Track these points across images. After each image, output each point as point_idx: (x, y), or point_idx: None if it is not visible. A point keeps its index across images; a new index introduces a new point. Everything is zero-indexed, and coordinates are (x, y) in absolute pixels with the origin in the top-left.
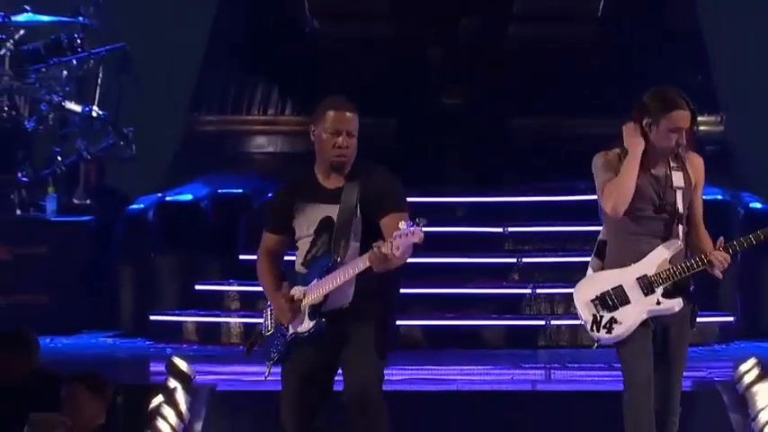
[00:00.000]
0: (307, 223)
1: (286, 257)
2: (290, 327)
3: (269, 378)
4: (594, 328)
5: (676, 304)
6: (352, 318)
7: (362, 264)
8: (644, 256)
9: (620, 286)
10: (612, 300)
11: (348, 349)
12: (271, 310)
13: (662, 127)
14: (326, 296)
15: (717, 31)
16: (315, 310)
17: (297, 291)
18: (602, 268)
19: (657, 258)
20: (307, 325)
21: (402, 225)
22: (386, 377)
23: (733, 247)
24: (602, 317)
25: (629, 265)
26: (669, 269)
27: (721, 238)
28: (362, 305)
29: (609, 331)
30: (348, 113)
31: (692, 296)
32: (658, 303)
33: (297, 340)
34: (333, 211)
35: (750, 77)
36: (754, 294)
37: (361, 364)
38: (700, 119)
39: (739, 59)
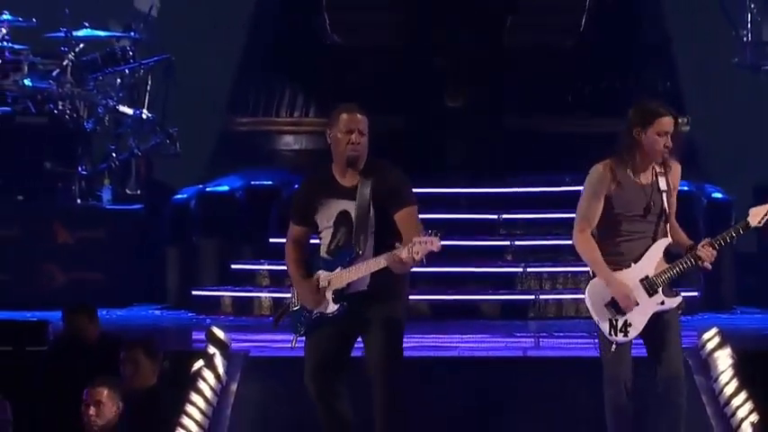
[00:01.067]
0: (326, 216)
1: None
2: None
3: (295, 347)
4: (612, 332)
5: (676, 302)
6: (371, 300)
7: (383, 262)
8: (641, 256)
9: (623, 292)
10: (623, 305)
11: (369, 328)
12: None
13: (650, 133)
14: (348, 283)
15: (684, 40)
16: (339, 295)
17: (323, 278)
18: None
19: (654, 257)
20: (332, 307)
21: (418, 236)
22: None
23: (718, 243)
24: (617, 320)
25: (630, 265)
26: (668, 271)
27: (708, 239)
28: (379, 288)
29: (625, 334)
30: (358, 115)
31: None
32: (662, 303)
33: (321, 318)
34: (350, 206)
35: (712, 83)
36: (716, 272)
37: (382, 342)
38: None
39: (704, 67)
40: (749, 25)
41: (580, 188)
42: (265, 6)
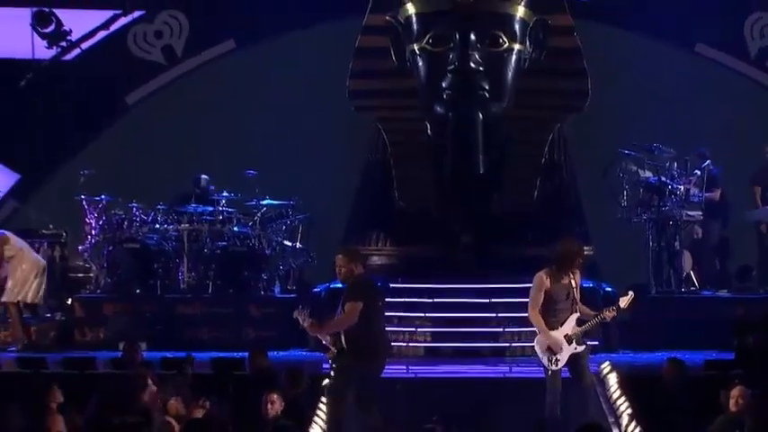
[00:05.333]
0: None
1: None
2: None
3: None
4: (549, 363)
5: (583, 348)
6: None
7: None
8: (564, 323)
9: (557, 341)
10: (555, 349)
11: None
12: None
13: (570, 262)
14: None
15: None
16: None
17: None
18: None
19: (571, 323)
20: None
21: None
22: (414, 373)
23: (616, 310)
24: (551, 358)
25: (558, 328)
26: (579, 330)
27: (606, 309)
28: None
29: (556, 365)
30: (339, 255)
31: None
32: (575, 348)
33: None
34: None
35: (604, 229)
36: (607, 329)
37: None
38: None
39: (601, 222)
40: (625, 195)
41: (530, 285)
42: (366, 184)
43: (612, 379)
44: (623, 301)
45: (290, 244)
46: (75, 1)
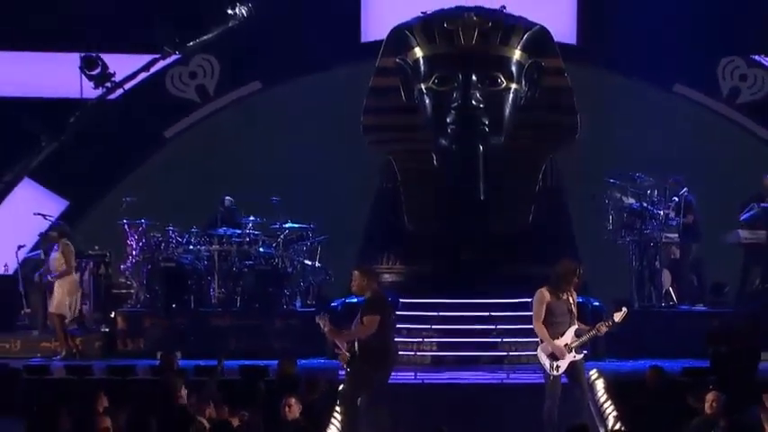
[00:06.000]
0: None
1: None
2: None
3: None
4: (550, 368)
5: (580, 357)
6: None
7: None
8: (563, 334)
9: (559, 350)
10: (558, 356)
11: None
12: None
13: (567, 281)
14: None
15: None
16: None
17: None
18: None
19: (569, 335)
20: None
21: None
22: (421, 379)
23: (611, 324)
24: (552, 363)
25: (559, 338)
26: (577, 341)
27: (599, 323)
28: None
29: (557, 370)
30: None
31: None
32: (575, 357)
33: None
34: None
35: (592, 253)
36: (596, 341)
37: None
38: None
39: (592, 245)
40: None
41: (526, 299)
42: (378, 209)
43: (600, 384)
44: (618, 317)
45: (309, 263)
46: (119, 46)
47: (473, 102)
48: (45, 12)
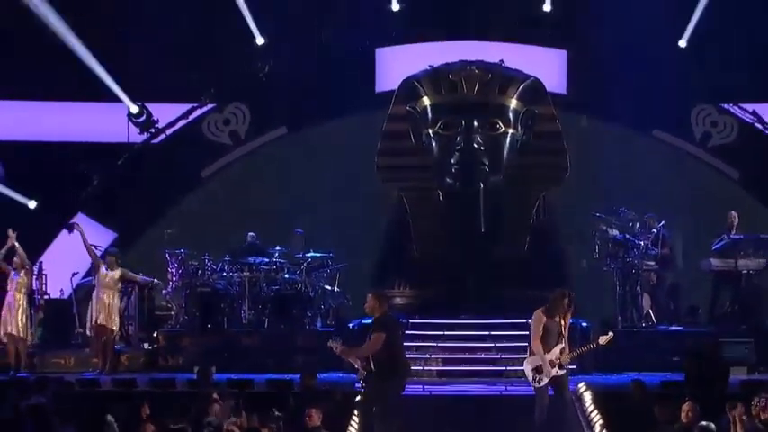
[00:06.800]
0: None
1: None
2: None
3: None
4: (533, 380)
5: (564, 371)
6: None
7: None
8: (552, 350)
9: (542, 364)
10: (540, 369)
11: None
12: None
13: (558, 306)
14: None
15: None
16: None
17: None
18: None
19: (557, 351)
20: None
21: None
22: (429, 391)
23: (596, 346)
24: (535, 376)
25: (546, 353)
26: (565, 358)
27: (587, 343)
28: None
29: (539, 383)
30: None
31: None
32: (557, 372)
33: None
34: None
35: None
36: (584, 356)
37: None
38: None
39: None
40: (597, 248)
41: (522, 320)
42: (390, 239)
43: (587, 396)
44: (603, 340)
45: (329, 288)
46: (162, 97)
47: (475, 145)
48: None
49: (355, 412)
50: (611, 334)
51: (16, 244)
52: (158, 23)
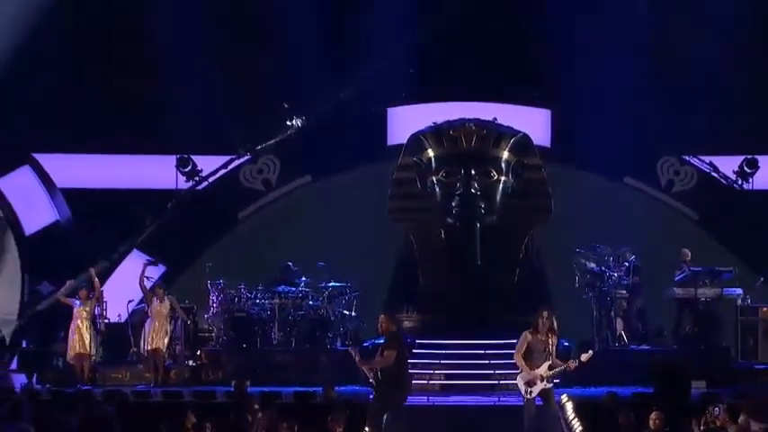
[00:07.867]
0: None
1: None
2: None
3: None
4: (525, 392)
5: (550, 384)
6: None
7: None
8: (539, 366)
9: (533, 378)
10: (531, 383)
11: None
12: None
13: (539, 322)
14: None
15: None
16: None
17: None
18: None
19: (544, 367)
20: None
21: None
22: (432, 402)
23: (579, 363)
24: (527, 389)
25: (535, 369)
26: (550, 373)
27: (570, 360)
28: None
29: (530, 394)
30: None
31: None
32: (546, 385)
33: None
34: None
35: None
36: (565, 373)
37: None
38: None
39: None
40: (577, 279)
41: (513, 341)
42: (399, 271)
43: (569, 405)
44: (584, 357)
45: (347, 313)
46: (205, 149)
47: (472, 190)
48: (150, 124)
49: (367, 418)
50: (591, 352)
51: (96, 279)
52: (206, 88)
